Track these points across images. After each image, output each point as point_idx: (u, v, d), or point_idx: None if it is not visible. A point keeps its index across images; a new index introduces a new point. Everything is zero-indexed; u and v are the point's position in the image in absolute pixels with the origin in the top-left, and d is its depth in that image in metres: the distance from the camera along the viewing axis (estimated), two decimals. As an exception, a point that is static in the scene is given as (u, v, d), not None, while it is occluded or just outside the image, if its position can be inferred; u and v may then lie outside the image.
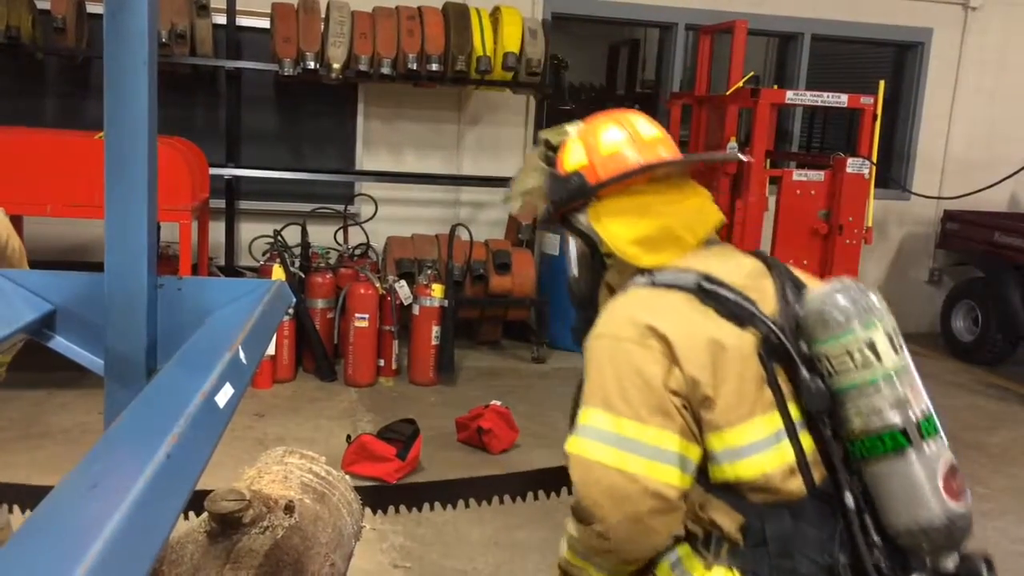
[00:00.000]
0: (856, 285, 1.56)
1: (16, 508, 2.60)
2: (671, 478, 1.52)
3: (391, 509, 2.97)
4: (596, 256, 1.78)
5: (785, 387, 1.55)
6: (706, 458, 1.56)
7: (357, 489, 2.00)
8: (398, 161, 6.90)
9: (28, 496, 2.46)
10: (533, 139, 6.86)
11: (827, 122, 8.47)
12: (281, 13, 5.98)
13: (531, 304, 6.41)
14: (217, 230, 6.42)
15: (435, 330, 5.68)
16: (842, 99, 6.11)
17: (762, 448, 1.53)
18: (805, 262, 6.04)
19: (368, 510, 2.35)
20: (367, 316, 5.55)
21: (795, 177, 6.11)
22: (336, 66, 5.90)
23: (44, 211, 4.85)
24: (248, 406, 4.98)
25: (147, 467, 0.74)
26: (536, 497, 2.68)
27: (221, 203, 6.42)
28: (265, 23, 6.12)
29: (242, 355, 1.09)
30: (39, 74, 6.39)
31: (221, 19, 6.21)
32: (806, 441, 1.55)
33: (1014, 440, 5.50)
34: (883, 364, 1.51)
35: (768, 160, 6.22)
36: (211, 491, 1.57)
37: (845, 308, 1.52)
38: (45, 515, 0.70)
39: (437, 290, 5.68)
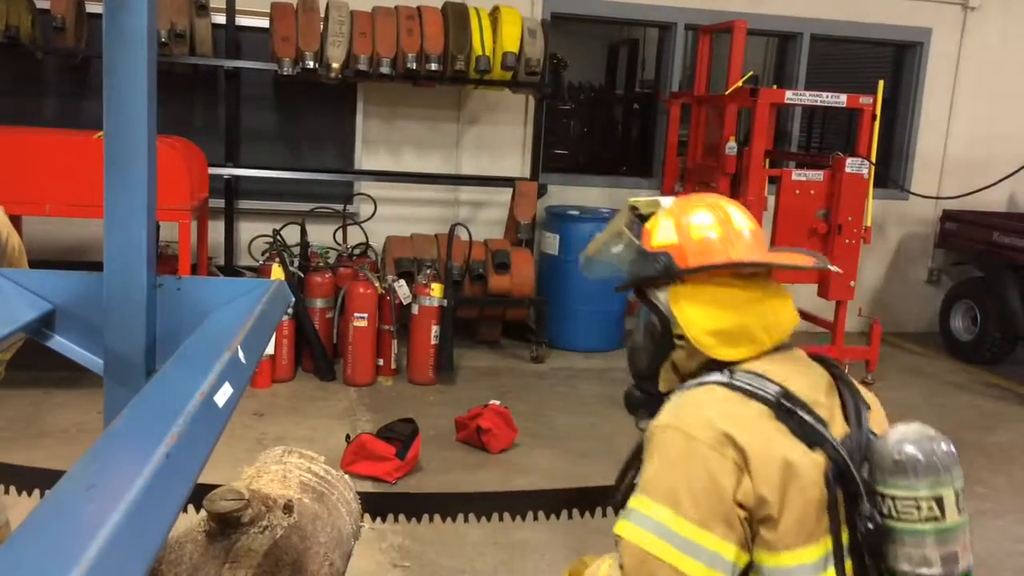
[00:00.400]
0: (935, 435, 1.58)
1: (22, 496, 2.58)
2: None
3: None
4: (666, 334, 1.77)
5: (841, 511, 1.58)
6: (750, 565, 1.60)
7: (359, 494, 2.00)
8: (397, 160, 6.90)
9: (32, 480, 2.40)
10: (533, 138, 6.86)
11: (826, 122, 8.48)
12: (280, 12, 5.98)
13: (530, 304, 6.41)
14: (216, 230, 6.42)
15: (434, 329, 5.68)
16: (841, 99, 6.11)
17: (810, 572, 1.57)
18: (804, 262, 6.03)
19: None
20: (366, 316, 5.55)
21: (794, 177, 6.11)
22: (335, 65, 5.90)
23: (43, 210, 4.85)
24: (247, 406, 4.98)
25: (146, 467, 0.74)
26: (536, 518, 2.64)
27: (220, 203, 6.42)
28: (264, 23, 6.11)
29: (241, 355, 1.09)
30: (38, 73, 6.38)
31: (220, 19, 6.21)
32: (848, 566, 1.59)
33: (1013, 439, 5.51)
34: (946, 520, 1.54)
35: (767, 160, 6.22)
36: (213, 486, 1.57)
37: (924, 463, 1.54)
38: (43, 515, 0.70)
39: (436, 289, 5.68)
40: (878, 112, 6.12)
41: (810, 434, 1.59)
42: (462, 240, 6.19)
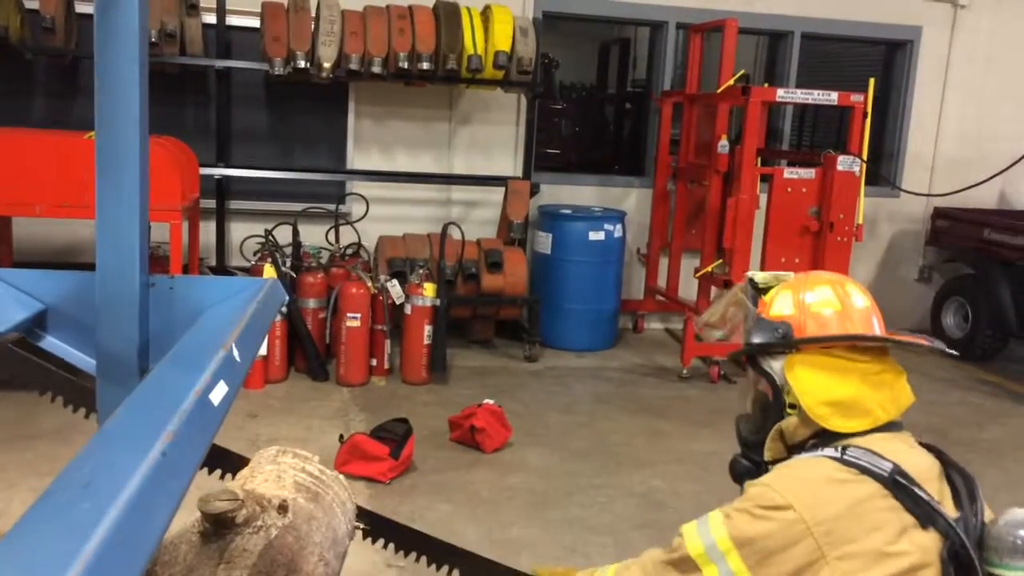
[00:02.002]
0: None
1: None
2: None
3: (387, 508, 2.95)
4: (778, 402, 1.80)
5: None
6: None
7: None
8: (389, 160, 6.89)
9: None
10: (525, 138, 6.86)
11: (817, 120, 8.50)
12: (271, 12, 5.96)
13: (523, 303, 6.41)
14: (208, 230, 6.40)
15: (427, 329, 5.68)
16: (832, 97, 6.13)
17: None
18: (797, 260, 6.06)
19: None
20: (359, 315, 5.54)
21: (786, 175, 6.12)
22: (326, 65, 5.89)
23: (34, 212, 4.83)
24: (240, 407, 4.97)
25: (141, 465, 0.74)
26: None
27: (212, 203, 6.40)
28: (255, 22, 6.10)
29: (235, 353, 1.09)
30: (28, 74, 6.35)
31: (211, 18, 6.20)
32: None
33: (1005, 435, 5.53)
34: None
35: (759, 158, 6.24)
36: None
37: None
38: (37, 515, 0.70)
39: (429, 289, 5.68)
40: (869, 110, 6.14)
41: (925, 511, 1.60)
42: (455, 239, 6.19)
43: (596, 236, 6.63)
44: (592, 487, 4.37)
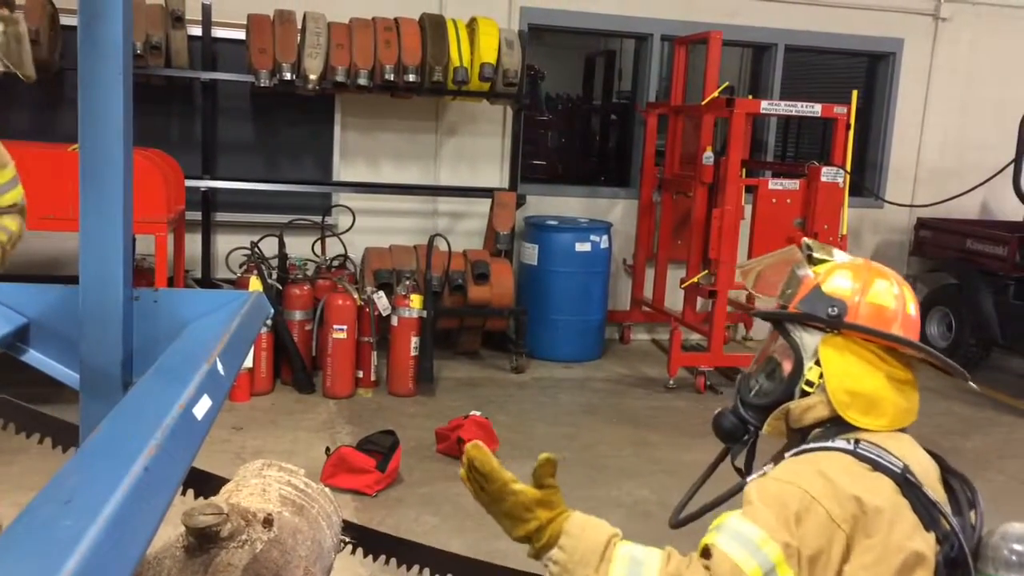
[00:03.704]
0: None
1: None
2: None
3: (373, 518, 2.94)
4: (793, 375, 1.76)
5: None
6: None
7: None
8: (375, 172, 6.88)
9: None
10: (511, 149, 6.87)
11: (801, 131, 8.56)
12: (257, 24, 5.96)
13: (510, 314, 6.41)
14: (193, 242, 6.37)
15: (414, 341, 5.67)
16: (816, 109, 6.18)
17: None
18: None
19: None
20: (345, 327, 5.53)
21: (771, 186, 6.16)
22: (313, 77, 5.89)
23: (17, 224, 4.79)
24: (226, 419, 4.94)
25: (124, 480, 0.73)
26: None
27: (197, 215, 6.38)
28: (241, 34, 6.09)
29: (220, 366, 1.09)
30: (12, 86, 6.31)
31: (196, 30, 6.19)
32: None
33: (989, 444, 5.57)
34: None
35: (744, 169, 6.27)
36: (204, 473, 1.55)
37: None
38: (18, 531, 0.69)
39: (416, 301, 5.67)
40: (852, 122, 6.19)
41: (930, 513, 1.59)
42: (441, 251, 6.19)
43: (582, 247, 6.64)
44: (579, 498, 4.34)
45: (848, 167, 6.18)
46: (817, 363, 1.73)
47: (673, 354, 6.20)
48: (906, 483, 1.59)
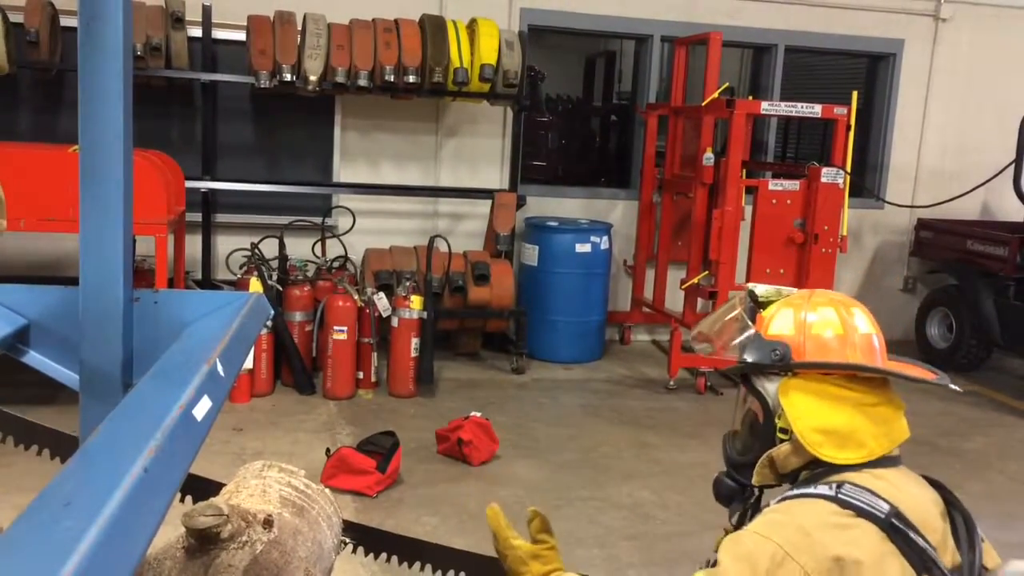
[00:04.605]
0: None
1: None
2: None
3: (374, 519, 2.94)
4: (768, 425, 1.73)
5: None
6: None
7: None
8: (376, 173, 6.89)
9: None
10: (512, 150, 6.87)
11: (801, 132, 8.56)
12: (257, 25, 5.97)
13: (510, 315, 6.41)
14: (194, 244, 6.37)
15: (414, 342, 5.67)
16: (816, 110, 6.18)
17: None
18: (782, 271, 6.09)
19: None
20: (346, 328, 5.53)
21: (771, 187, 6.16)
22: (313, 78, 5.89)
23: (18, 225, 4.79)
24: (226, 420, 4.94)
25: (123, 482, 0.73)
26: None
27: (198, 216, 6.38)
28: (241, 36, 6.09)
29: (220, 367, 1.09)
30: (13, 87, 6.32)
31: (197, 32, 6.19)
32: None
33: (989, 445, 5.56)
34: None
35: (744, 170, 6.27)
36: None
37: None
38: (18, 534, 0.69)
39: (416, 302, 5.67)
40: (852, 122, 6.19)
41: (921, 557, 1.54)
42: (441, 252, 6.19)
43: (583, 248, 6.64)
44: (579, 499, 4.37)
45: (848, 168, 6.18)
46: (784, 414, 1.70)
47: (673, 355, 6.20)
48: (892, 528, 1.55)
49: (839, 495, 1.58)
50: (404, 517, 4.05)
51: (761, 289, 1.88)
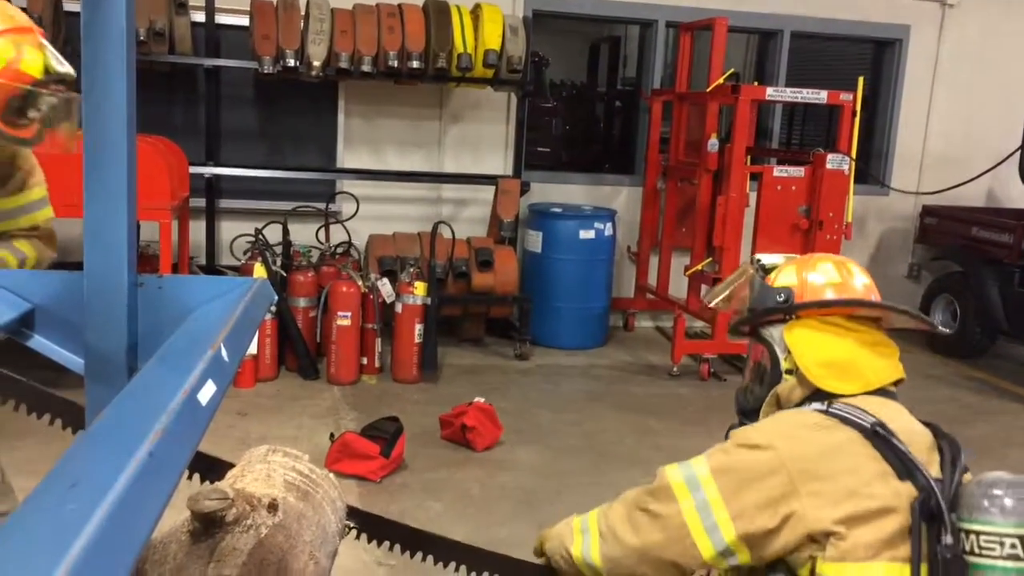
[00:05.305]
0: None
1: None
2: (704, 547, 1.71)
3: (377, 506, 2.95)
4: (775, 369, 1.90)
5: (925, 547, 1.61)
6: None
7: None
8: (379, 159, 6.88)
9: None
10: (515, 136, 6.86)
11: (807, 119, 8.53)
12: (260, 10, 5.95)
13: (514, 301, 6.41)
14: (198, 229, 6.38)
15: (418, 328, 5.68)
16: (821, 95, 6.15)
17: None
18: (786, 257, 6.07)
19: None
20: (349, 314, 5.54)
21: (776, 173, 6.14)
22: (316, 64, 5.88)
23: (21, 211, 4.80)
24: (231, 405, 4.96)
25: (128, 465, 0.74)
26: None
27: (201, 202, 6.39)
28: (244, 21, 6.08)
29: (224, 352, 1.09)
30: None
31: (200, 17, 6.17)
32: None
33: (993, 432, 5.57)
34: None
35: (749, 156, 6.26)
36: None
37: (1012, 503, 1.58)
38: (24, 515, 0.70)
39: (420, 288, 5.68)
40: (858, 108, 6.16)
41: (903, 462, 1.65)
42: (445, 238, 6.19)
43: (586, 234, 6.64)
44: (582, 485, 4.38)
45: (854, 154, 6.15)
46: (789, 351, 1.87)
47: (677, 341, 6.21)
48: (874, 435, 1.67)
49: (829, 409, 1.75)
50: (407, 502, 4.06)
51: (768, 258, 2.07)
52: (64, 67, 2.20)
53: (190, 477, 2.01)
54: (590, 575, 1.90)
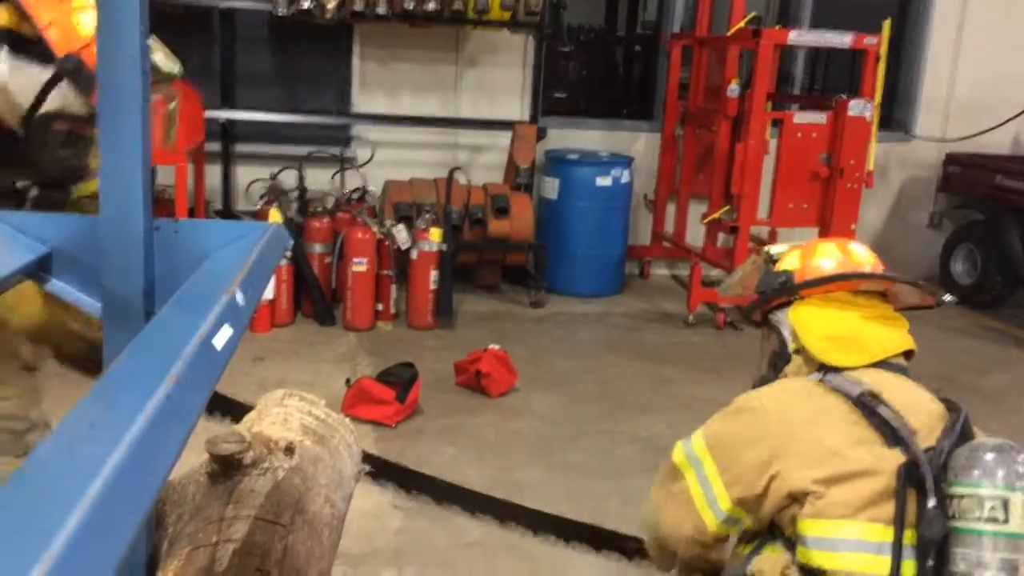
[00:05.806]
0: (1015, 446, 1.63)
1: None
2: (709, 520, 1.82)
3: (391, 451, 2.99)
4: (785, 354, 1.98)
5: (911, 513, 1.63)
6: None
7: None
8: (395, 103, 6.82)
9: None
10: (532, 81, 6.77)
11: (830, 64, 8.36)
12: (274, -49, 5.85)
13: (529, 248, 6.40)
14: (214, 174, 6.38)
15: (433, 274, 5.69)
16: (846, 40, 6.02)
17: (858, 549, 1.64)
18: (805, 206, 6.02)
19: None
20: (365, 260, 5.55)
21: (796, 120, 6.05)
22: (330, 6, 5.80)
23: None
24: (247, 350, 5.01)
25: (146, 407, 0.75)
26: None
27: (217, 146, 6.37)
28: (258, -39, 5.99)
29: (239, 297, 1.09)
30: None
31: (213, -43, 6.09)
32: (908, 568, 1.62)
33: (1011, 383, 5.55)
34: (1008, 525, 1.56)
35: (769, 102, 6.16)
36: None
37: (993, 464, 1.59)
38: (44, 456, 0.71)
39: (435, 234, 5.67)
40: (883, 53, 6.03)
41: (890, 431, 1.69)
42: (461, 184, 6.16)
43: (603, 181, 6.59)
44: (596, 432, 4.42)
45: (878, 100, 6.04)
46: (795, 332, 1.95)
47: (693, 290, 6.19)
48: (860, 403, 1.72)
49: (822, 380, 1.82)
50: (423, 447, 4.11)
51: (776, 249, 2.16)
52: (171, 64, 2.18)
53: (211, 415, 2.05)
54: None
